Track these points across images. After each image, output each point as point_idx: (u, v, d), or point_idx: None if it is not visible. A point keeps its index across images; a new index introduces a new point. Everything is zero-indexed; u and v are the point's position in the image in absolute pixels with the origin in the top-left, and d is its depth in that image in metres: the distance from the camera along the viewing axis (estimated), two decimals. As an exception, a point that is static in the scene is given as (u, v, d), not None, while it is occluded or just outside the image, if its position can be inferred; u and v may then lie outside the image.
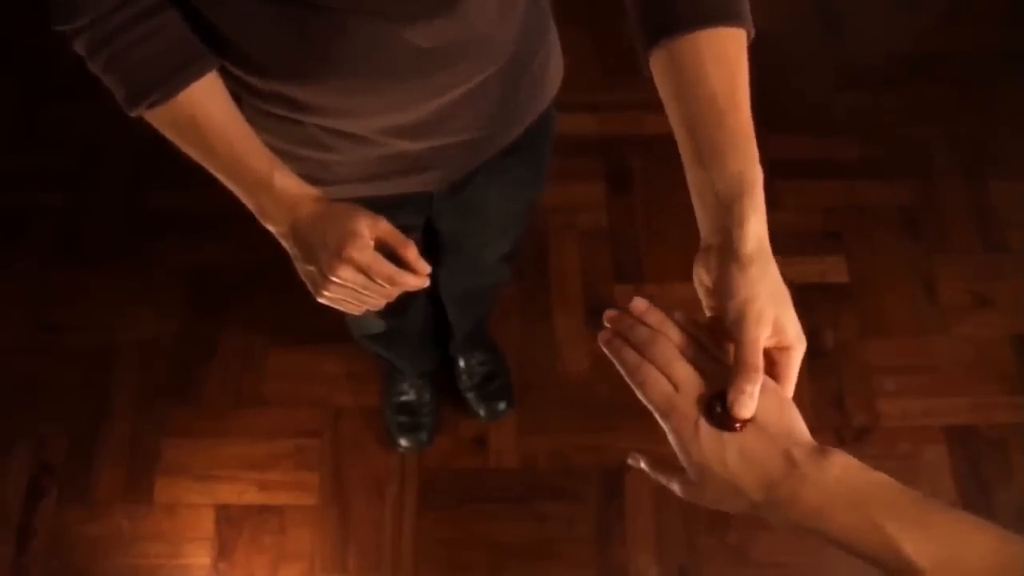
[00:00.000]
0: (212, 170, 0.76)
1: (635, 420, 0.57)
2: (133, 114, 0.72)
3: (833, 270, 1.84)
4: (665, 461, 0.59)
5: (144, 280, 1.87)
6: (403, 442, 1.66)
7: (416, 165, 0.92)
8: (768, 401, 0.55)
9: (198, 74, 0.71)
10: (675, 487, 0.58)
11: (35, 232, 1.93)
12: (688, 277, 0.61)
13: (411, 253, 0.77)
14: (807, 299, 1.77)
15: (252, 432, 1.71)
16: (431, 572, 1.60)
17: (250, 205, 0.78)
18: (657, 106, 0.62)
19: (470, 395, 1.70)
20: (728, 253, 0.56)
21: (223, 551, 1.60)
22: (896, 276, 1.85)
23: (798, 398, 0.56)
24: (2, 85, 2.13)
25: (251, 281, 1.85)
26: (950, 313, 1.81)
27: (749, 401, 0.54)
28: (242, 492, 1.65)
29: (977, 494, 1.64)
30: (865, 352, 1.76)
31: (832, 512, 0.49)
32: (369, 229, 0.75)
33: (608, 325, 0.61)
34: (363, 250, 0.74)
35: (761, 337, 0.56)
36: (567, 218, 1.91)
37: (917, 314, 1.81)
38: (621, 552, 1.60)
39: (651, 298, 0.60)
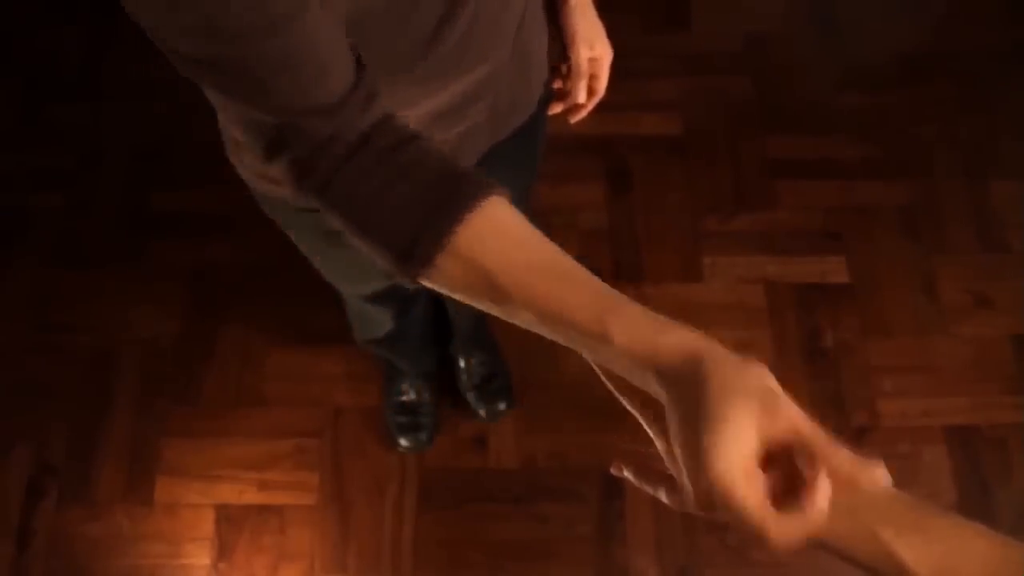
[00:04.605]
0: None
1: (635, 420, 0.57)
2: (415, 283, 0.56)
3: (833, 270, 1.84)
4: (651, 469, 0.57)
5: (144, 280, 1.87)
6: (403, 442, 1.66)
7: None
8: None
9: (466, 208, 0.54)
10: (662, 496, 0.56)
11: (35, 232, 1.93)
12: (688, 277, 0.61)
13: (821, 492, 0.44)
14: (807, 299, 1.76)
15: (252, 432, 1.71)
16: (431, 572, 1.60)
17: None
18: (657, 106, 0.62)
19: (470, 395, 1.70)
20: (566, 5, 0.92)
21: (223, 551, 1.61)
22: (896, 276, 1.85)
23: (797, 398, 0.56)
24: (2, 85, 2.13)
25: (251, 281, 1.85)
26: (950, 313, 1.81)
27: (582, 89, 0.95)
28: (242, 492, 1.65)
29: (977, 494, 1.64)
30: (865, 352, 1.76)
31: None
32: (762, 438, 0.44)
33: None
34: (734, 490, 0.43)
35: (584, 50, 0.93)
36: (567, 218, 1.90)
37: (917, 314, 1.81)
38: (621, 552, 1.60)
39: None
